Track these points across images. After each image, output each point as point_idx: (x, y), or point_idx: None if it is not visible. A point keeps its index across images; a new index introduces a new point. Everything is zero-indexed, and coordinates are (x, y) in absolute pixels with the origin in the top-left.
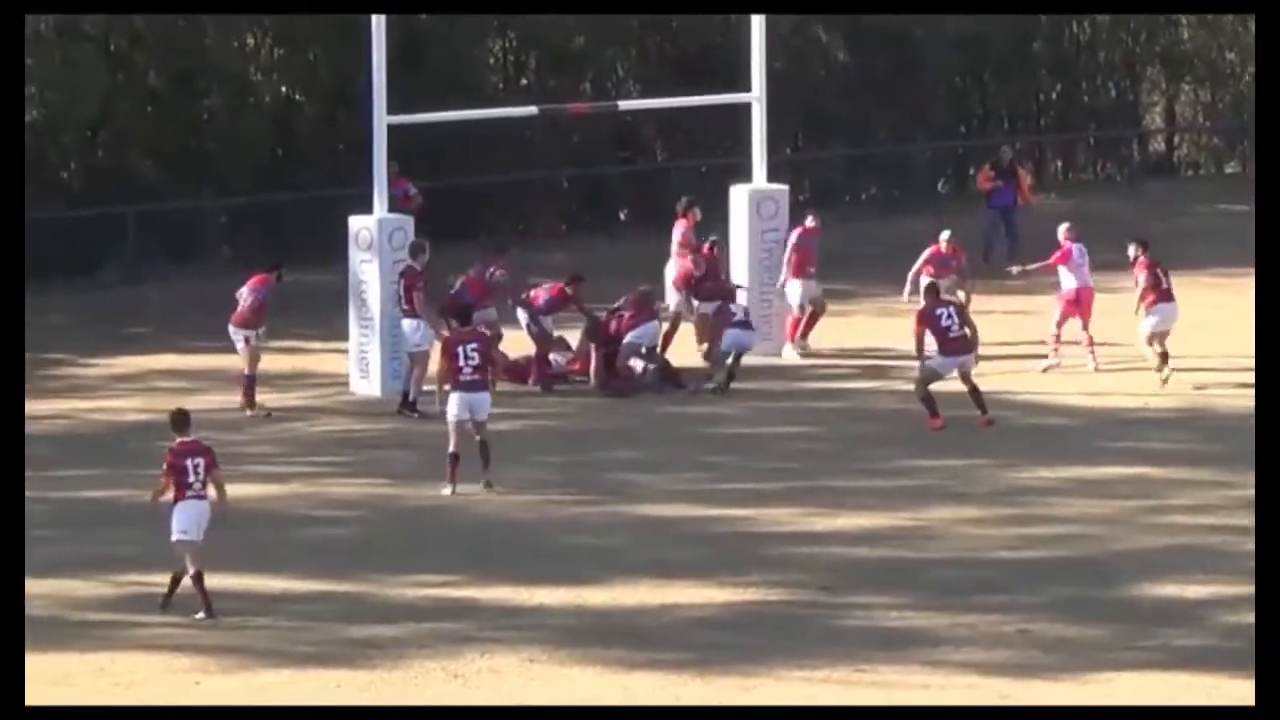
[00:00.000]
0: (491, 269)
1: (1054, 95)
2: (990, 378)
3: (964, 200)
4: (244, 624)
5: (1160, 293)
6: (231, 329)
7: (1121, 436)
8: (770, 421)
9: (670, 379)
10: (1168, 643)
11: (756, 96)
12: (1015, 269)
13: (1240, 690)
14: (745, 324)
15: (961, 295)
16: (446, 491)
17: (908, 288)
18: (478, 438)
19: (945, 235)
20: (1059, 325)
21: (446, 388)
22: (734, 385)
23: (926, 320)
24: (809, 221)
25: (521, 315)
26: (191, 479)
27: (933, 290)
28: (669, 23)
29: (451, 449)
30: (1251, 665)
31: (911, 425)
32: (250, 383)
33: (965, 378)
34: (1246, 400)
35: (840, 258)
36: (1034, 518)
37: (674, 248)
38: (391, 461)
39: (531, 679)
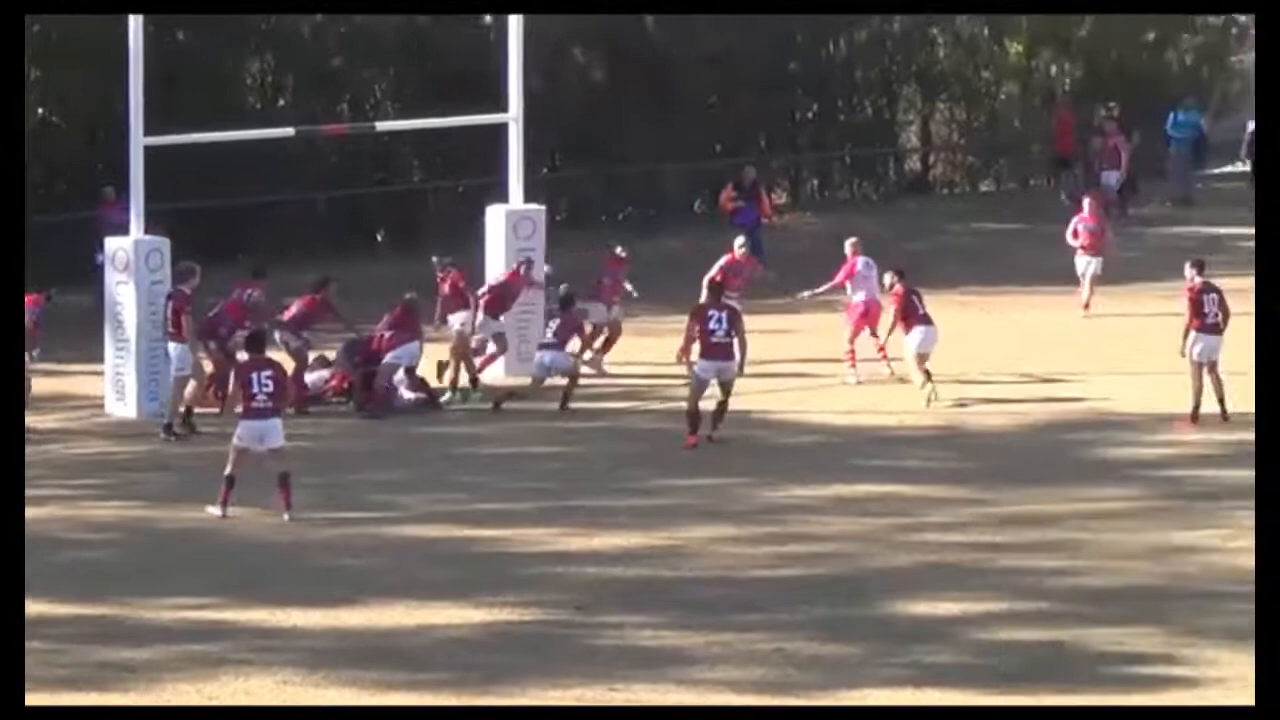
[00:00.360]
0: (248, 291)
1: (810, 114)
2: (748, 397)
3: (717, 219)
4: None
5: (918, 317)
6: None
7: (877, 455)
8: (528, 441)
9: (429, 400)
10: (920, 659)
11: (513, 116)
12: (806, 294)
13: (990, 703)
14: (555, 345)
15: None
16: (215, 512)
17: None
18: (278, 470)
19: (740, 241)
20: (852, 340)
21: (238, 411)
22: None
23: (698, 318)
24: (619, 251)
25: (278, 334)
26: None
27: (715, 290)
28: (427, 43)
29: (229, 471)
30: (999, 681)
31: (669, 444)
32: None
33: (725, 387)
34: (1000, 418)
35: (596, 277)
36: (790, 536)
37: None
38: (147, 483)
39: (286, 700)
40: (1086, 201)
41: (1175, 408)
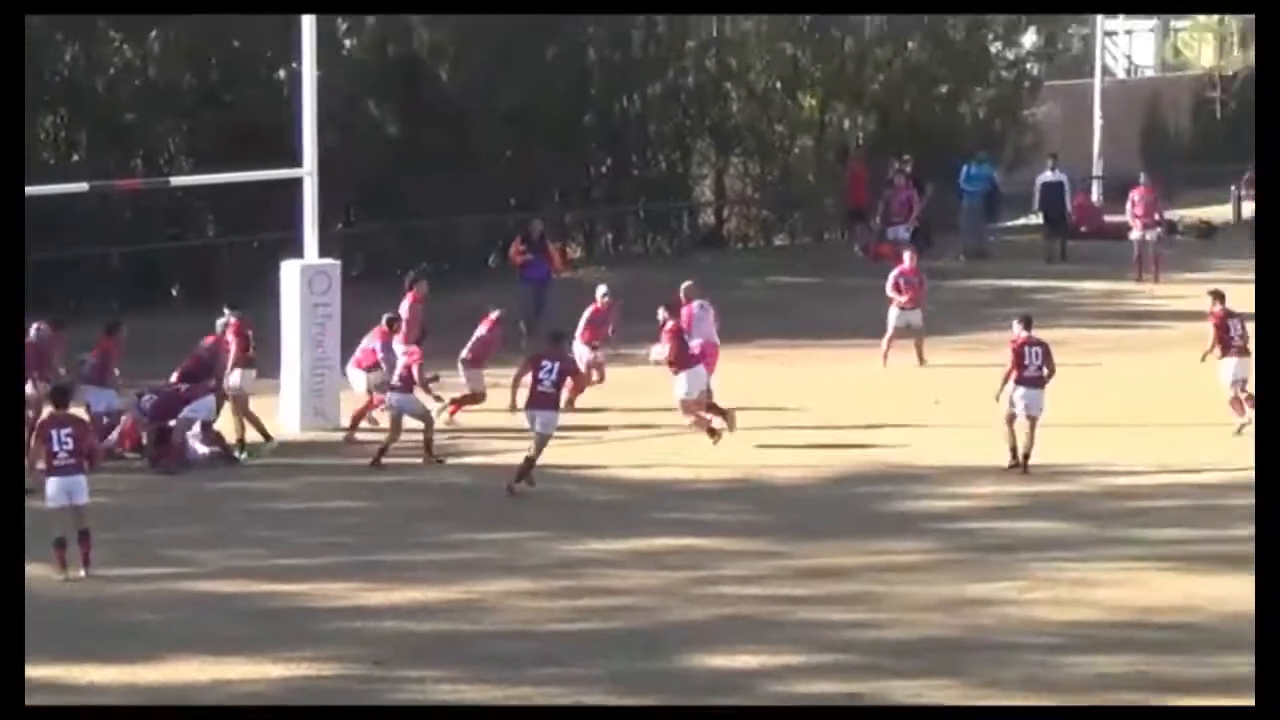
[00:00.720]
0: (35, 326)
1: (604, 169)
2: (547, 450)
3: (512, 273)
4: None
5: (689, 357)
6: None
7: (674, 508)
8: (325, 496)
9: (224, 455)
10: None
11: (308, 171)
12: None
13: None
14: (399, 387)
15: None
16: (57, 577)
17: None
18: (79, 526)
19: (602, 290)
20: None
21: (40, 466)
22: (288, 460)
23: (531, 364)
24: (493, 314)
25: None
26: None
27: (556, 338)
28: (222, 97)
29: (58, 534)
30: None
31: (466, 499)
32: None
33: (538, 440)
34: (798, 471)
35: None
36: (586, 590)
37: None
38: None
39: None
40: (907, 255)
41: (972, 460)
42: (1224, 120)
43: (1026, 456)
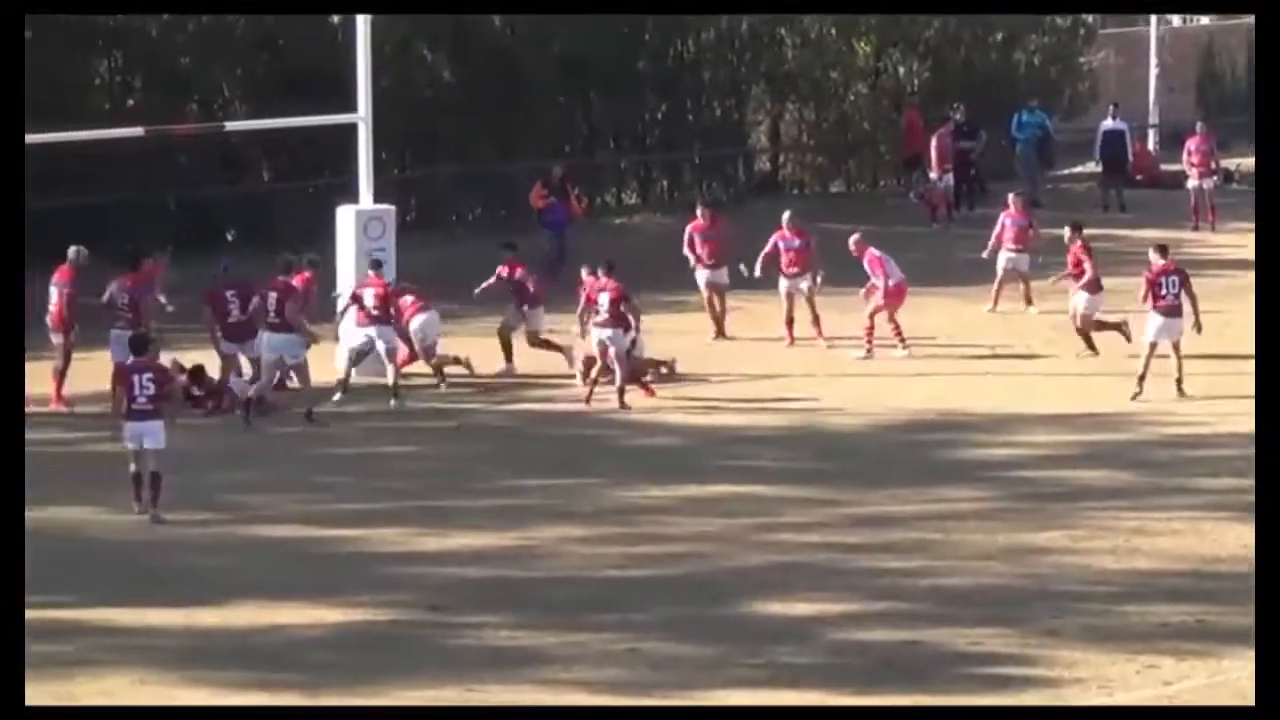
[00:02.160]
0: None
1: (659, 115)
2: (600, 398)
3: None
4: None
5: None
6: None
7: (731, 455)
8: (379, 442)
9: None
10: (776, 660)
11: (362, 116)
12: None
13: (846, 703)
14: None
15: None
16: (135, 508)
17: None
18: (151, 469)
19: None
20: (871, 317)
21: (121, 412)
22: (343, 407)
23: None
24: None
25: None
26: None
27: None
28: (276, 42)
29: (132, 470)
30: (857, 681)
31: (519, 444)
32: None
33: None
34: (854, 419)
35: (448, 278)
36: (643, 536)
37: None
38: None
39: (143, 700)
40: (1012, 198)
41: (1027, 409)
42: None
43: (1179, 381)
